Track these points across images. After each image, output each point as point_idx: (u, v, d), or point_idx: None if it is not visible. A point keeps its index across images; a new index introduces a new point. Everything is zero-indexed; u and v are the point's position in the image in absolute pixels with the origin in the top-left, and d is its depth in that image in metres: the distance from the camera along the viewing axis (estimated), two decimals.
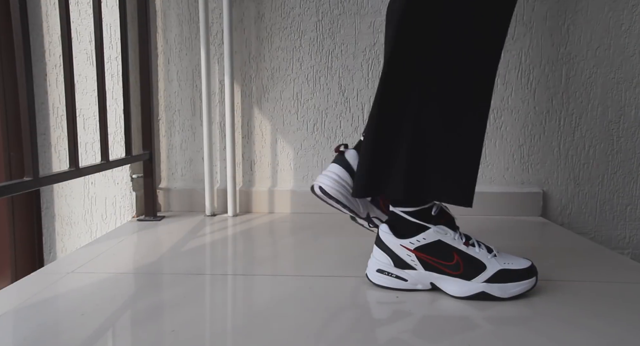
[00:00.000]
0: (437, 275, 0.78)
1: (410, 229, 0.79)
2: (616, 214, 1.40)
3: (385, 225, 0.81)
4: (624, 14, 1.34)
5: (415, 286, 0.80)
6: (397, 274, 0.80)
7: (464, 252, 0.77)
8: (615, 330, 0.66)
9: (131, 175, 1.35)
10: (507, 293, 0.76)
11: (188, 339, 0.63)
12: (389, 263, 0.80)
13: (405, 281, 0.79)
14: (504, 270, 0.76)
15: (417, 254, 0.78)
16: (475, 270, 0.76)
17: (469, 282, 0.76)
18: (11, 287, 0.82)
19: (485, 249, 0.78)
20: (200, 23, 1.34)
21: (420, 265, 0.78)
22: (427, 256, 0.77)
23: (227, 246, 1.07)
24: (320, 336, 0.64)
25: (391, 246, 0.80)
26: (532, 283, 0.77)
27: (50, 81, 1.35)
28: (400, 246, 0.79)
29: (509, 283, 0.76)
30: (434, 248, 0.77)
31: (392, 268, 0.80)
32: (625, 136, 1.38)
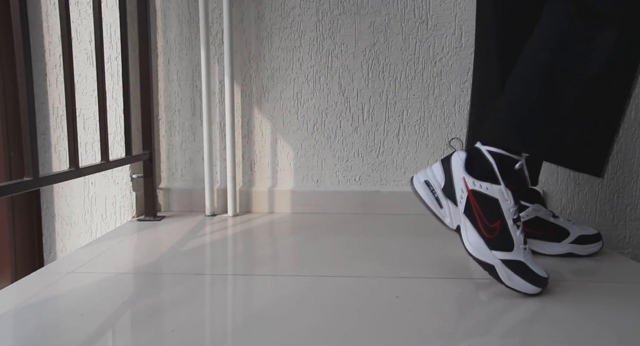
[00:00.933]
0: (470, 224, 0.77)
1: (483, 171, 0.77)
2: (616, 214, 1.40)
3: (465, 153, 0.80)
4: None
5: (443, 217, 0.80)
6: (439, 196, 0.79)
7: (507, 225, 0.76)
8: (615, 330, 0.66)
9: (131, 175, 1.35)
10: (511, 282, 0.76)
11: (188, 339, 0.63)
12: (440, 183, 0.79)
13: (440, 208, 0.79)
14: (523, 263, 0.76)
15: (470, 196, 0.77)
16: (501, 245, 0.76)
17: (488, 250, 0.76)
18: (11, 287, 0.83)
19: (523, 238, 0.78)
20: (200, 23, 1.34)
21: (464, 205, 0.77)
22: (477, 204, 0.77)
23: (227, 246, 1.07)
24: (320, 336, 0.64)
25: (455, 174, 0.78)
26: (535, 291, 0.76)
27: (50, 81, 1.35)
28: (463, 178, 0.78)
29: (518, 277, 0.75)
30: (487, 202, 0.76)
31: (439, 189, 0.79)
32: (625, 136, 1.38)
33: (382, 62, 1.38)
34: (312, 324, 0.67)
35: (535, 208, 0.99)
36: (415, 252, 1.02)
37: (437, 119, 1.39)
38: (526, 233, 0.94)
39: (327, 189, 1.42)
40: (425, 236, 1.15)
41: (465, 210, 0.78)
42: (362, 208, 1.41)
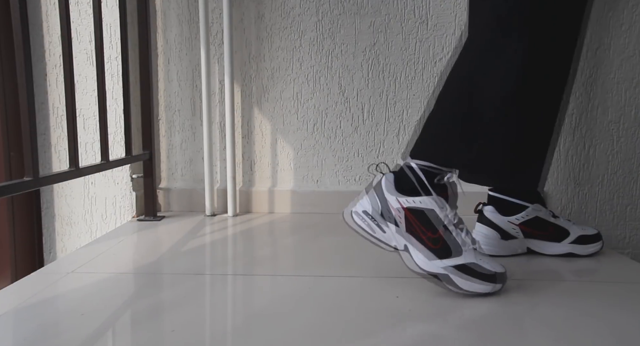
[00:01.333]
0: (414, 240, 0.78)
1: (412, 187, 0.78)
2: (616, 214, 1.40)
3: (392, 175, 0.81)
4: (624, 14, 1.34)
5: (388, 241, 0.80)
6: (379, 222, 0.80)
7: (449, 231, 0.77)
8: (614, 330, 0.66)
9: (131, 175, 1.35)
10: (467, 286, 0.75)
11: (188, 339, 0.63)
12: (376, 209, 0.80)
13: (383, 233, 0.80)
14: (475, 264, 0.76)
15: (407, 214, 0.78)
16: (449, 253, 0.76)
17: (438, 260, 0.76)
18: (11, 287, 0.83)
19: (470, 240, 0.78)
20: (200, 23, 1.34)
21: (404, 224, 0.78)
22: (415, 220, 0.77)
23: (227, 246, 1.07)
24: (320, 336, 0.64)
25: (388, 196, 0.80)
26: (494, 288, 0.76)
27: (50, 81, 1.35)
28: (396, 199, 0.79)
29: (473, 278, 0.75)
30: (424, 215, 0.77)
31: (377, 215, 0.80)
32: (625, 136, 1.38)
33: (382, 62, 1.38)
34: (312, 324, 0.67)
35: (535, 208, 0.99)
36: None
37: None
38: (526, 232, 0.97)
39: (327, 189, 1.42)
40: None
41: (407, 228, 0.78)
42: None
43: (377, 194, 0.81)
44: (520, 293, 0.79)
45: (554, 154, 1.02)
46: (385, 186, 0.80)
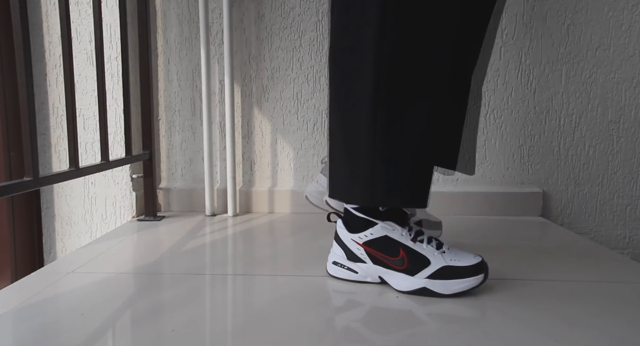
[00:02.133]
0: (384, 269, 0.80)
1: (360, 224, 0.82)
2: (616, 214, 1.40)
3: (340, 220, 0.85)
4: (624, 14, 1.34)
5: (365, 279, 0.83)
6: (349, 266, 0.83)
7: (410, 248, 0.79)
8: (615, 330, 0.66)
9: (131, 175, 1.35)
10: (449, 289, 0.76)
11: (188, 339, 0.63)
12: (342, 255, 0.84)
13: (356, 274, 0.83)
14: (448, 267, 0.77)
15: (366, 249, 0.81)
16: (419, 266, 0.78)
17: (412, 277, 0.78)
18: (11, 287, 0.82)
19: (435, 246, 0.79)
20: (200, 23, 1.34)
21: (369, 259, 0.81)
22: (375, 251, 0.80)
23: (227, 246, 1.07)
24: (321, 336, 0.64)
25: (345, 240, 0.84)
26: (477, 280, 0.76)
27: (50, 81, 1.35)
28: (351, 240, 0.82)
29: (451, 280, 0.76)
30: (381, 243, 0.80)
31: (345, 260, 0.84)
32: (625, 136, 1.38)
33: None
34: (312, 324, 0.67)
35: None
36: None
37: None
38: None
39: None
40: None
41: (373, 262, 0.81)
42: None
43: (337, 242, 0.85)
44: (519, 292, 0.79)
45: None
46: (340, 231, 0.85)
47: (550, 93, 1.38)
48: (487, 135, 1.40)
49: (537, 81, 1.37)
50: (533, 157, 1.40)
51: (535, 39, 1.36)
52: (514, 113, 1.38)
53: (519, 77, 1.37)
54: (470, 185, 1.41)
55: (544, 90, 1.38)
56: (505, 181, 1.41)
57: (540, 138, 1.39)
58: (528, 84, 1.37)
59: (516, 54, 1.37)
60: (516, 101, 1.38)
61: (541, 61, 1.37)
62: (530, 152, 1.40)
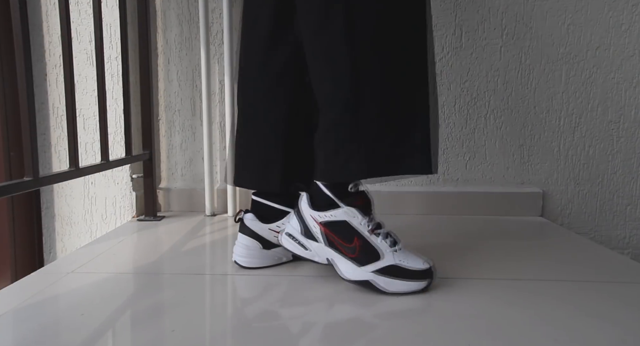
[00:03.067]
0: (335, 253, 0.80)
1: (324, 202, 0.81)
2: (616, 214, 1.40)
3: (305, 195, 0.84)
4: (624, 14, 1.34)
5: (313, 257, 0.83)
6: (301, 242, 0.83)
7: (365, 238, 0.79)
8: (615, 330, 0.66)
9: (131, 175, 1.35)
10: (393, 287, 0.77)
11: (188, 339, 0.63)
12: (298, 229, 0.84)
13: (306, 250, 0.83)
14: (395, 266, 0.77)
15: (322, 228, 0.81)
16: (369, 258, 0.78)
17: (359, 268, 0.78)
18: (11, 287, 0.83)
19: (390, 242, 0.79)
20: (200, 23, 1.34)
21: (323, 239, 0.81)
22: (331, 233, 0.80)
23: (227, 246, 1.07)
24: (322, 336, 0.64)
25: (304, 214, 0.83)
26: (419, 285, 0.77)
27: (50, 81, 1.35)
28: (311, 216, 0.82)
29: (396, 280, 0.77)
30: (339, 226, 0.80)
31: (299, 235, 0.84)
32: (625, 136, 1.38)
33: None
34: (312, 323, 0.67)
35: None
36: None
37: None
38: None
39: None
40: (424, 236, 1.15)
41: (325, 243, 0.81)
42: None
43: (296, 215, 0.85)
44: (519, 292, 0.79)
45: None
46: (302, 204, 0.84)
47: (550, 93, 1.38)
48: (487, 135, 1.40)
49: (537, 81, 1.37)
50: (533, 157, 1.40)
51: (535, 39, 1.36)
52: (514, 113, 1.38)
53: (519, 77, 1.37)
54: (470, 185, 1.41)
55: (544, 90, 1.38)
56: (505, 181, 1.41)
57: (540, 138, 1.39)
58: (528, 84, 1.37)
59: (516, 54, 1.37)
60: (516, 101, 1.38)
61: (541, 61, 1.37)
62: (530, 152, 1.40)
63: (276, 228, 0.91)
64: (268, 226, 0.91)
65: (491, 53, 1.37)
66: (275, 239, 0.91)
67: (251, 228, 0.91)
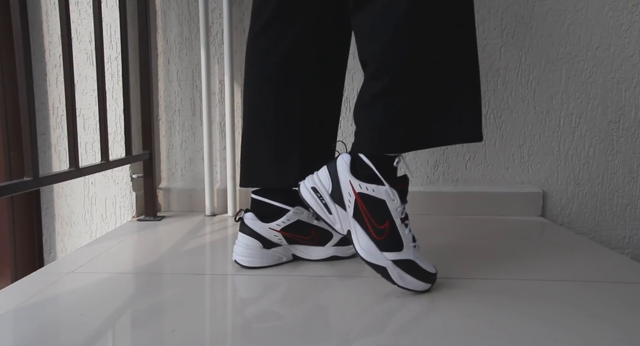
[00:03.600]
0: (360, 227, 0.77)
1: (366, 173, 0.77)
2: (616, 214, 1.40)
3: (349, 156, 0.79)
4: (624, 14, 1.34)
5: (333, 224, 0.79)
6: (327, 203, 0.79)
7: (396, 225, 0.76)
8: (615, 330, 0.66)
9: (131, 175, 1.35)
10: (403, 282, 0.76)
11: (188, 339, 0.63)
12: (327, 189, 0.79)
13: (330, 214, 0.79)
14: (413, 262, 0.76)
15: (358, 199, 0.76)
16: (391, 246, 0.76)
17: (380, 252, 0.76)
18: (11, 287, 0.83)
19: (412, 237, 0.78)
20: (200, 23, 1.34)
21: (352, 209, 0.77)
22: (365, 207, 0.76)
23: (227, 246, 1.07)
24: (321, 336, 0.64)
25: (341, 177, 0.78)
26: (426, 287, 0.78)
27: (50, 81, 1.35)
28: (349, 182, 0.77)
29: (408, 276, 0.76)
30: (375, 204, 0.76)
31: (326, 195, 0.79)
32: (625, 136, 1.38)
33: None
34: (312, 324, 0.67)
35: (297, 211, 0.91)
36: None
37: None
38: (289, 239, 0.92)
39: None
40: (424, 236, 1.15)
41: (354, 214, 0.77)
42: None
43: (329, 173, 0.79)
44: (518, 292, 0.79)
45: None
46: (341, 166, 0.78)
47: (550, 93, 1.38)
48: (487, 135, 1.40)
49: (537, 81, 1.37)
50: (533, 157, 1.40)
51: (535, 39, 1.36)
52: (514, 113, 1.39)
53: (519, 77, 1.37)
54: (470, 185, 1.41)
55: (544, 90, 1.38)
56: (505, 181, 1.41)
57: (540, 138, 1.39)
58: (528, 84, 1.37)
59: (516, 54, 1.37)
60: (516, 101, 1.38)
61: (541, 61, 1.37)
62: (530, 152, 1.40)
63: (276, 226, 0.90)
64: (268, 225, 0.90)
65: (491, 53, 1.37)
66: (276, 238, 0.91)
67: (251, 227, 0.91)
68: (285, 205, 0.91)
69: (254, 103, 0.92)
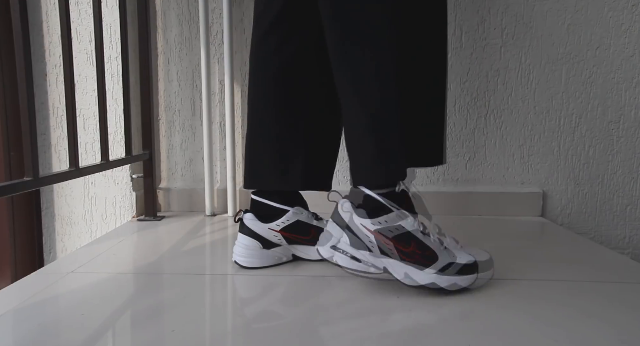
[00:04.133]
0: (391, 260, 0.76)
1: (373, 208, 0.77)
2: (616, 214, 1.40)
3: (349, 202, 0.79)
4: (624, 14, 1.34)
5: (368, 270, 0.77)
6: (353, 254, 0.77)
7: (421, 240, 0.76)
8: (614, 330, 0.66)
9: (131, 175, 1.35)
10: (452, 285, 0.77)
11: (188, 339, 0.63)
12: (346, 242, 0.77)
13: (359, 263, 0.77)
14: (451, 263, 0.77)
15: (377, 236, 0.76)
16: (427, 260, 0.75)
17: (422, 271, 0.75)
18: (11, 287, 0.83)
19: (439, 240, 0.79)
20: (200, 23, 1.34)
21: (377, 247, 0.76)
22: (386, 239, 0.76)
23: (227, 246, 1.07)
24: (321, 336, 0.64)
25: (353, 224, 0.77)
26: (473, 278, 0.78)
27: (50, 81, 1.35)
28: (361, 225, 0.76)
29: (454, 277, 0.76)
30: (394, 231, 0.76)
31: (348, 247, 0.77)
32: (625, 136, 1.38)
33: None
34: (312, 323, 0.67)
35: (296, 211, 0.92)
36: None
37: None
38: (289, 239, 0.91)
39: None
40: None
41: (380, 251, 0.76)
42: None
43: (340, 225, 0.78)
44: (518, 292, 0.79)
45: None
46: (346, 214, 0.78)
47: (550, 93, 1.38)
48: (487, 135, 1.40)
49: (537, 81, 1.37)
50: (533, 157, 1.40)
51: (535, 39, 1.36)
52: (514, 113, 1.38)
53: (519, 77, 1.37)
54: (470, 185, 1.41)
55: (544, 90, 1.38)
56: (505, 181, 1.41)
57: (540, 138, 1.39)
58: (528, 84, 1.37)
59: (516, 54, 1.37)
60: (516, 101, 1.38)
61: (541, 61, 1.37)
62: (530, 152, 1.40)
63: (275, 226, 0.90)
64: (268, 226, 0.91)
65: (491, 53, 1.37)
66: (276, 239, 0.91)
67: (251, 227, 0.91)
68: (284, 206, 0.92)
69: (258, 104, 0.92)
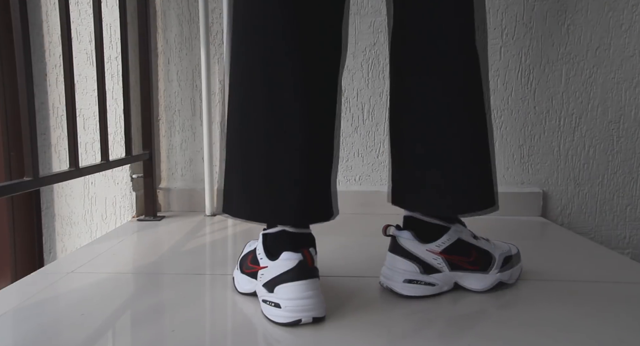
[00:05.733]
0: (461, 273, 0.79)
1: (433, 231, 0.78)
2: (616, 214, 1.40)
3: (406, 232, 0.77)
4: (624, 14, 1.34)
5: (441, 290, 0.78)
6: (426, 281, 0.77)
7: (477, 246, 0.80)
8: (614, 330, 0.66)
9: (131, 175, 1.35)
10: (513, 278, 0.82)
11: (188, 339, 0.63)
12: (416, 271, 0.77)
13: (434, 287, 0.78)
14: (507, 257, 0.82)
15: (444, 257, 0.78)
16: (487, 263, 0.80)
17: (487, 275, 0.80)
18: (11, 287, 0.83)
19: (483, 240, 0.82)
20: (200, 23, 1.34)
21: (447, 266, 0.78)
22: (453, 256, 0.78)
23: (227, 246, 1.07)
24: (321, 336, 0.64)
25: (418, 253, 0.77)
26: (521, 265, 0.85)
27: (50, 81, 1.35)
28: (427, 251, 0.77)
29: (511, 269, 0.82)
30: (456, 247, 0.78)
31: (420, 275, 0.77)
32: (625, 136, 1.38)
33: (382, 62, 1.38)
34: (312, 324, 0.67)
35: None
36: None
37: None
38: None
39: None
40: None
41: (450, 269, 0.79)
42: (362, 208, 1.41)
43: (403, 257, 0.78)
44: (518, 292, 0.79)
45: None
46: (407, 244, 0.78)
47: (550, 93, 1.38)
48: None
49: (537, 81, 1.37)
50: (533, 157, 1.40)
51: (535, 39, 1.36)
52: (514, 113, 1.38)
53: (519, 77, 1.37)
54: None
55: (544, 90, 1.38)
56: (505, 181, 1.41)
57: (540, 138, 1.39)
58: (528, 84, 1.37)
59: (516, 54, 1.37)
60: (516, 101, 1.38)
61: (541, 61, 1.37)
62: (530, 152, 1.40)
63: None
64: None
65: (491, 53, 1.37)
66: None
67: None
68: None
69: (245, 105, 0.86)
